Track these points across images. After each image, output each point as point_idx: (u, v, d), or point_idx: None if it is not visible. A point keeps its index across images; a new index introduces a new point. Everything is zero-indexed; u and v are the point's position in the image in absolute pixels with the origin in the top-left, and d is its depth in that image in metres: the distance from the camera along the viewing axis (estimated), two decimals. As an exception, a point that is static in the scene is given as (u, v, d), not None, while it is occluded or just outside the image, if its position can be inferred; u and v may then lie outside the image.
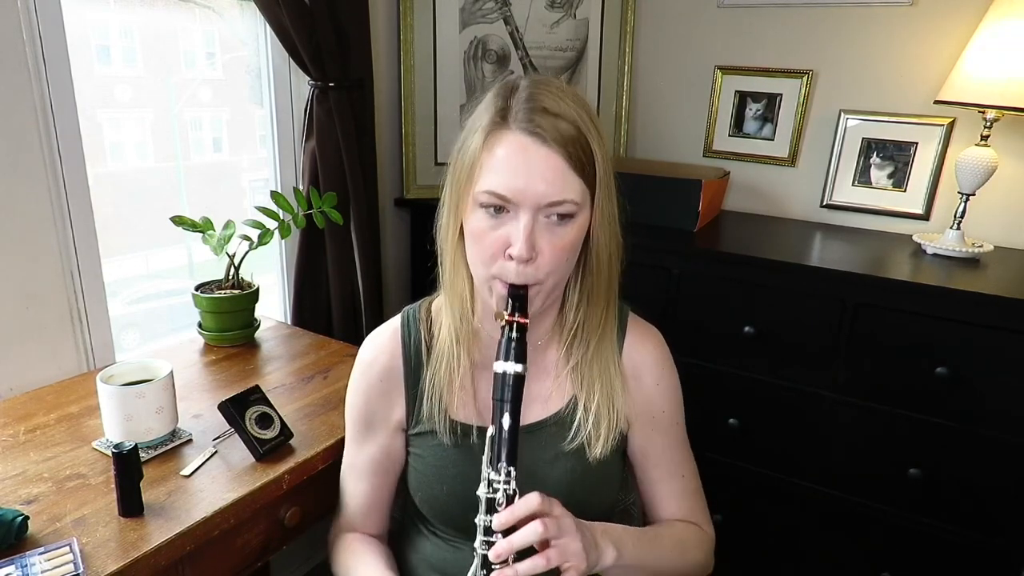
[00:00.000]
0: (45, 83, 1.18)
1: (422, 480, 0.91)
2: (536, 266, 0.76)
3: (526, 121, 0.74)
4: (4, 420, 1.10)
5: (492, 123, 0.76)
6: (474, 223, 0.77)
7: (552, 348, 0.90)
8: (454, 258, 0.83)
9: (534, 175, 0.73)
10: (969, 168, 1.52)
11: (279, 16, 1.45)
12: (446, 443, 0.87)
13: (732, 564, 1.73)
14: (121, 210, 1.45)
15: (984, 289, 1.32)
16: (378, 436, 0.93)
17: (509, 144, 0.74)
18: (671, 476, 0.94)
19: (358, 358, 0.95)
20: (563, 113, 0.74)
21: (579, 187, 0.75)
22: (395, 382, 0.92)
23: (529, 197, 0.73)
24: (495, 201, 0.75)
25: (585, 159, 0.75)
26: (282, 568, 1.85)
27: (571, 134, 0.74)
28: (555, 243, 0.76)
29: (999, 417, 1.35)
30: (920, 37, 1.68)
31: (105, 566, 0.79)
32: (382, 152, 1.90)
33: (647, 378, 0.92)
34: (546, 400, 0.90)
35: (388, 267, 2.00)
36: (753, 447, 1.63)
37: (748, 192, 1.99)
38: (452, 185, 0.81)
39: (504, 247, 0.76)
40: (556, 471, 0.87)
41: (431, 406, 0.88)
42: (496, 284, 0.78)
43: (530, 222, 0.74)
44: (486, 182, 0.75)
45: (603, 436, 0.86)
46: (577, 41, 2.00)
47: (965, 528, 1.43)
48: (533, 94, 0.75)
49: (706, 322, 1.61)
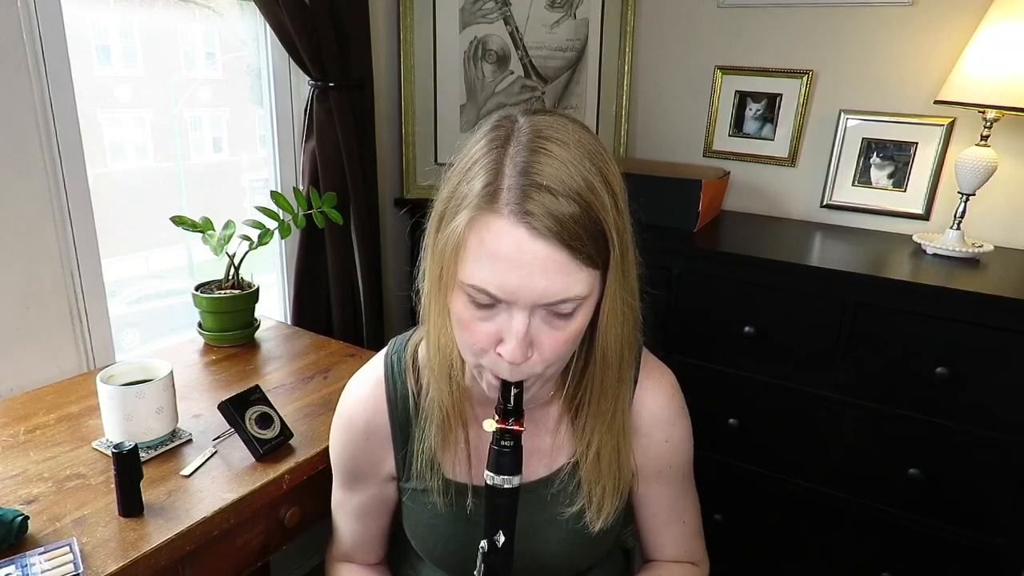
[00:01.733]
0: (45, 83, 1.18)
1: (417, 533, 0.86)
2: (533, 362, 0.65)
3: (519, 207, 0.60)
4: (4, 420, 1.10)
5: (479, 203, 0.61)
6: (460, 309, 0.66)
7: (555, 405, 0.82)
8: (439, 326, 0.71)
9: (529, 272, 0.60)
10: (969, 168, 1.52)
11: (279, 16, 1.45)
12: (439, 504, 0.81)
13: (732, 564, 1.73)
14: (121, 210, 1.45)
15: (984, 289, 1.32)
16: (367, 487, 0.88)
17: (499, 235, 0.60)
18: (672, 523, 0.90)
19: (340, 408, 0.86)
20: (565, 188, 0.60)
21: (585, 279, 0.63)
22: (382, 440, 0.84)
23: (524, 297, 0.61)
24: (483, 298, 0.63)
25: (593, 246, 0.62)
26: (282, 568, 1.85)
27: (574, 216, 0.60)
28: (556, 337, 0.65)
29: (999, 417, 1.35)
30: (920, 37, 1.68)
31: (105, 566, 0.79)
32: (382, 152, 1.90)
33: (657, 435, 0.84)
34: (547, 456, 0.82)
35: (388, 267, 2.00)
36: (753, 447, 1.63)
37: (748, 192, 1.99)
38: (433, 254, 0.67)
39: (495, 341, 0.65)
40: (554, 534, 0.82)
41: (423, 465, 0.80)
42: (486, 373, 0.68)
43: (525, 322, 0.62)
44: (473, 274, 0.62)
45: (606, 511, 0.79)
46: (577, 41, 2.00)
47: (965, 528, 1.43)
48: (529, 163, 0.61)
49: (706, 322, 1.61)
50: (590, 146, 0.64)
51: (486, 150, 0.64)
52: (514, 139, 0.63)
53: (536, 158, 0.61)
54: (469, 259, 0.62)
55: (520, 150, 0.62)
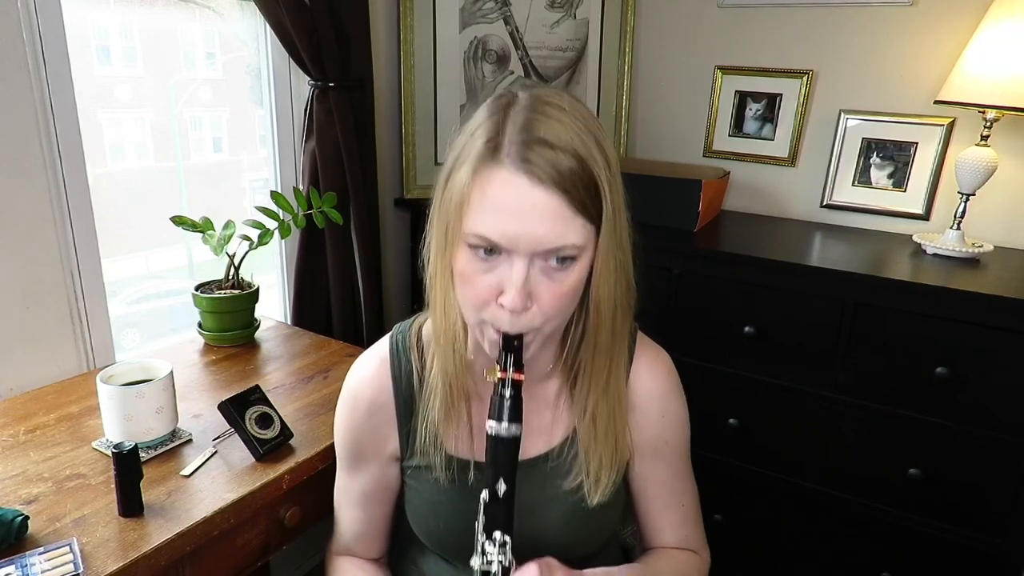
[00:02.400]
0: (45, 83, 1.18)
1: (418, 513, 0.87)
2: (532, 314, 0.68)
3: (519, 157, 0.64)
4: (4, 420, 1.10)
5: (482, 156, 0.66)
6: (463, 263, 0.69)
7: (554, 378, 0.84)
8: (444, 289, 0.74)
9: (529, 219, 0.64)
10: (969, 168, 1.52)
11: (279, 16, 1.45)
12: (442, 480, 0.82)
13: (732, 564, 1.73)
14: (121, 210, 1.45)
15: (984, 289, 1.32)
16: (371, 468, 0.89)
17: (501, 183, 0.65)
18: (671, 506, 0.91)
19: (345, 388, 0.89)
20: (563, 143, 0.65)
21: (581, 229, 0.67)
22: (386, 417, 0.86)
23: (524, 243, 0.65)
24: (486, 244, 0.66)
25: (588, 198, 0.66)
26: (282, 568, 1.85)
27: (572, 169, 0.64)
28: (554, 289, 0.68)
29: (999, 417, 1.35)
30: (920, 37, 1.68)
31: (105, 566, 0.79)
32: (382, 152, 1.90)
33: (653, 410, 0.87)
34: (547, 432, 0.84)
35: (388, 267, 2.00)
36: (753, 447, 1.63)
37: (748, 192, 1.99)
38: (439, 213, 0.72)
39: (496, 293, 0.68)
40: (554, 510, 0.83)
41: (426, 441, 0.82)
42: (488, 329, 0.71)
43: (524, 269, 0.66)
44: (475, 223, 0.66)
45: (603, 483, 0.81)
46: (577, 41, 2.00)
47: (965, 528, 1.43)
48: (529, 120, 0.66)
49: (706, 322, 1.61)
50: (584, 113, 0.69)
51: (489, 114, 0.69)
52: (515, 104, 0.69)
53: (536, 116, 0.66)
54: (472, 210, 0.66)
55: (520, 111, 0.67)
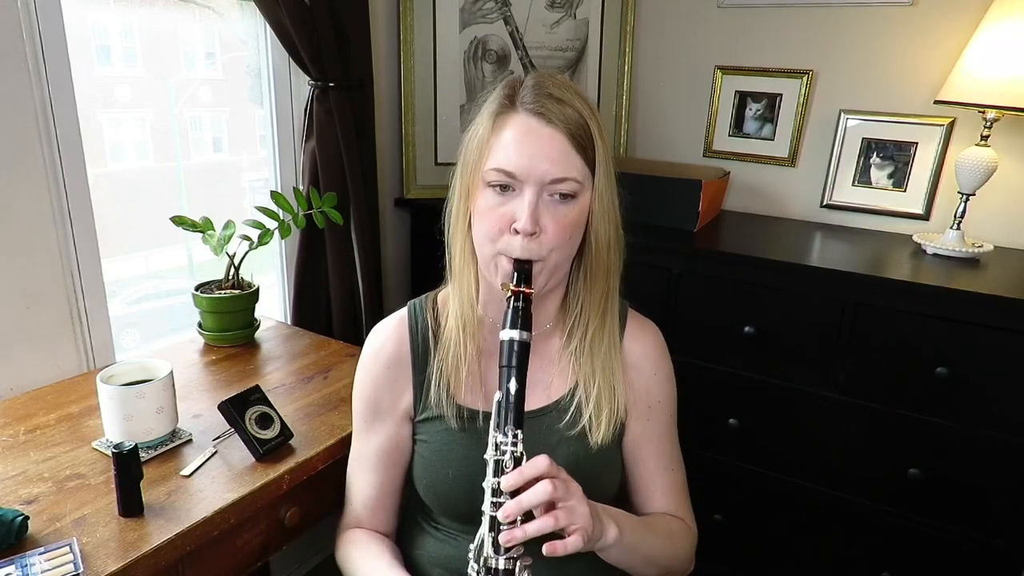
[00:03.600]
0: (45, 83, 1.18)
1: (427, 466, 0.92)
2: (540, 242, 0.79)
3: (533, 103, 0.79)
4: (4, 420, 1.10)
5: (500, 107, 0.81)
6: (481, 202, 0.82)
7: (555, 336, 0.93)
8: (463, 245, 0.87)
9: (539, 153, 0.78)
10: (969, 168, 1.52)
11: (279, 16, 1.45)
12: (453, 427, 0.89)
13: (732, 564, 1.73)
14: (121, 210, 1.45)
15: (984, 289, 1.32)
16: (386, 424, 0.94)
17: (516, 125, 0.79)
18: (662, 469, 0.96)
19: (365, 348, 0.97)
20: (568, 100, 0.79)
21: (581, 167, 0.80)
22: (402, 369, 0.94)
23: (534, 174, 0.78)
24: (502, 179, 0.79)
25: (587, 143, 0.80)
26: (282, 568, 1.85)
27: (575, 118, 0.79)
28: (558, 220, 0.80)
29: (999, 417, 1.35)
30: (920, 37, 1.68)
31: (105, 566, 0.79)
32: (382, 152, 1.90)
33: (646, 367, 0.95)
34: (548, 386, 0.92)
35: (388, 267, 2.00)
36: (753, 447, 1.63)
37: (748, 192, 1.99)
38: (462, 171, 0.85)
39: (510, 222, 0.79)
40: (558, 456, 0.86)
41: (438, 392, 0.90)
42: (501, 260, 0.81)
43: (534, 198, 0.78)
44: (493, 160, 0.80)
45: (604, 422, 0.89)
46: (577, 41, 2.00)
47: (965, 528, 1.43)
48: (539, 82, 0.81)
49: (706, 322, 1.61)
50: (583, 93, 0.84)
51: (501, 88, 0.84)
52: (524, 79, 0.84)
53: (545, 81, 0.82)
54: (491, 151, 0.80)
55: (531, 79, 0.83)
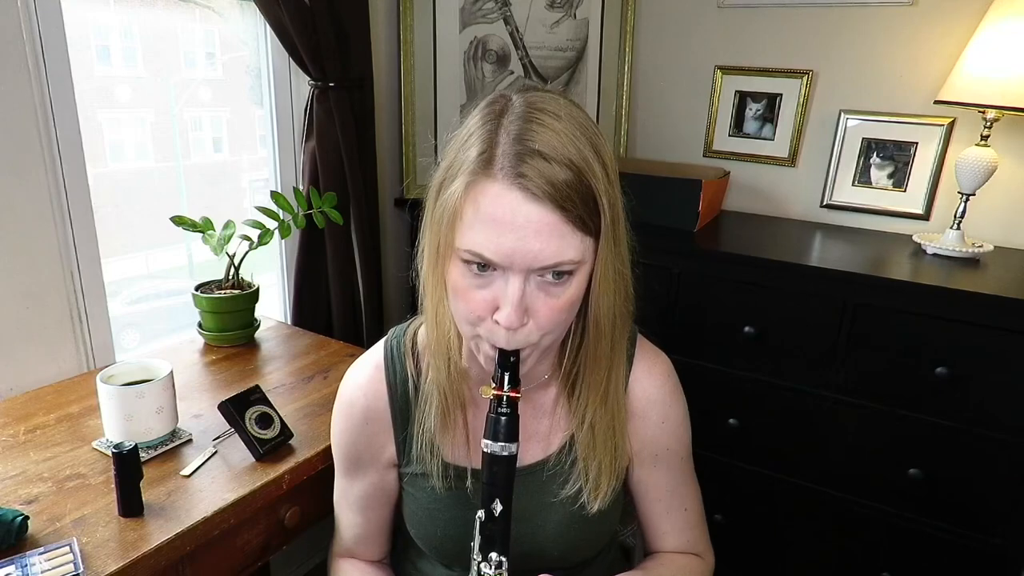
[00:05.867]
0: (45, 83, 1.18)
1: (416, 519, 0.87)
2: (529, 330, 0.66)
3: (513, 171, 0.62)
4: (4, 420, 1.10)
5: (474, 169, 0.64)
6: (456, 278, 0.67)
7: (551, 386, 0.84)
8: (437, 300, 0.73)
9: (524, 236, 0.62)
10: (969, 168, 1.52)
11: (279, 16, 1.45)
12: (439, 488, 0.82)
13: (732, 564, 1.73)
14: (121, 210, 1.45)
15: (984, 289, 1.32)
16: (368, 474, 0.88)
17: (494, 198, 0.62)
18: (673, 510, 0.90)
19: (340, 395, 0.88)
20: (558, 154, 0.62)
21: (578, 244, 0.64)
22: (382, 424, 0.85)
23: (519, 260, 0.63)
24: (479, 260, 0.64)
25: (585, 211, 0.64)
26: (282, 568, 1.85)
27: (568, 181, 0.62)
28: (551, 304, 0.66)
29: (999, 417, 1.35)
30: (920, 37, 1.68)
31: (105, 566, 0.79)
32: (382, 152, 1.90)
33: (653, 416, 0.85)
34: (544, 438, 0.83)
35: (388, 267, 2.00)
36: (753, 447, 1.63)
37: (748, 192, 1.99)
38: (431, 226, 0.70)
39: (491, 308, 0.66)
40: (552, 517, 0.82)
41: (422, 449, 0.81)
42: (483, 344, 0.69)
43: (521, 286, 0.64)
44: (469, 239, 0.64)
45: (603, 490, 0.80)
46: (577, 41, 2.00)
47: (965, 528, 1.43)
48: (523, 130, 0.63)
49: (706, 322, 1.61)
50: (581, 119, 0.66)
51: (481, 123, 0.67)
52: (508, 111, 0.66)
53: (530, 126, 0.63)
54: (465, 225, 0.64)
55: (514, 120, 0.65)
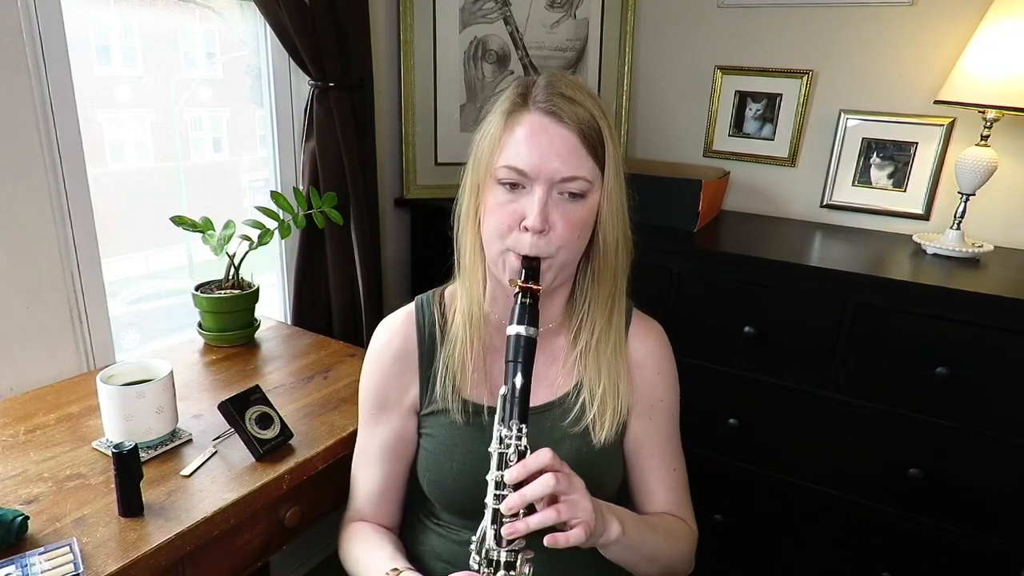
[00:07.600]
0: (45, 83, 1.18)
1: (432, 460, 0.92)
2: (548, 239, 0.80)
3: (545, 102, 0.80)
4: (4, 420, 1.10)
5: (512, 105, 0.82)
6: (491, 199, 0.83)
7: (561, 335, 0.94)
8: (473, 242, 0.87)
9: (550, 152, 0.78)
10: (969, 168, 1.52)
11: (279, 16, 1.45)
12: (458, 421, 0.90)
13: (732, 564, 1.73)
14: (121, 210, 1.45)
15: (984, 289, 1.32)
16: (391, 418, 0.95)
17: (528, 123, 0.80)
18: (663, 467, 0.97)
19: (372, 341, 0.97)
20: (579, 100, 0.80)
21: (591, 167, 0.81)
22: (409, 363, 0.94)
23: (544, 172, 0.79)
24: (512, 176, 0.80)
25: (597, 143, 0.81)
26: (282, 568, 1.85)
27: (586, 118, 0.80)
28: (567, 218, 0.80)
29: (999, 417, 1.35)
30: (920, 37, 1.68)
31: (105, 566, 0.79)
32: (382, 152, 1.90)
33: (650, 366, 0.95)
34: (552, 383, 0.93)
35: (388, 267, 2.00)
36: (753, 447, 1.63)
37: (748, 192, 1.99)
38: (472, 169, 0.86)
39: (519, 219, 0.80)
40: (561, 452, 0.86)
41: (444, 387, 0.91)
42: (509, 256, 0.82)
43: (544, 196, 0.79)
44: (505, 157, 0.81)
45: (607, 422, 0.89)
46: (577, 41, 2.00)
47: (965, 528, 1.43)
48: (552, 82, 0.82)
49: (706, 322, 1.61)
50: (595, 94, 0.85)
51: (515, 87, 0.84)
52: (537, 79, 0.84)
53: (558, 81, 0.82)
54: (503, 148, 0.81)
55: (543, 79, 0.83)
